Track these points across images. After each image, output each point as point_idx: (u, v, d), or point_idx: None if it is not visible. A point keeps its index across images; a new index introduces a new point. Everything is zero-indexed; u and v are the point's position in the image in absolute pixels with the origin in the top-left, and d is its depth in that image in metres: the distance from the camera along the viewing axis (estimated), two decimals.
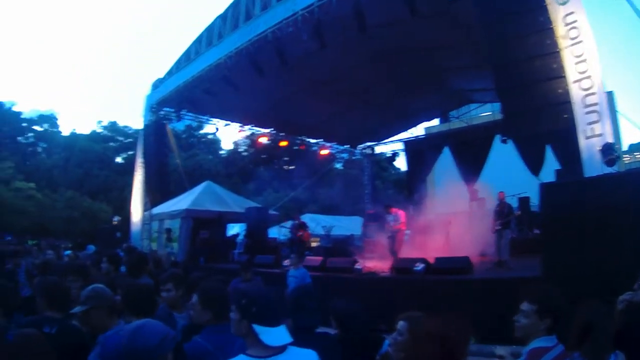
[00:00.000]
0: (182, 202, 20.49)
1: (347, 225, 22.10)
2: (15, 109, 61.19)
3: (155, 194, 20.75)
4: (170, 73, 19.00)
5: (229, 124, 21.03)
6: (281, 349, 2.82)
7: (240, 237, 19.14)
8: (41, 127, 60.74)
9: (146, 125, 20.84)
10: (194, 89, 17.13)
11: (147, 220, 21.02)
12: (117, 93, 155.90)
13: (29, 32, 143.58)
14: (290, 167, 44.94)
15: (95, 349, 3.52)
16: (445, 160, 20.45)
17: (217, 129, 20.90)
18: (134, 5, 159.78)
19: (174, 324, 4.81)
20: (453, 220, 15.07)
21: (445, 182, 18.13)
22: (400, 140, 23.38)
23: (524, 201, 16.25)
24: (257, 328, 2.77)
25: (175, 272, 5.76)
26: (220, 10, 15.91)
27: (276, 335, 2.79)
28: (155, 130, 20.33)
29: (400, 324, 3.90)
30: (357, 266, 11.98)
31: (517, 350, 3.82)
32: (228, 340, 3.37)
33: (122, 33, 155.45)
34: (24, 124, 60.56)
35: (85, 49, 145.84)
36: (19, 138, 59.39)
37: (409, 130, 23.19)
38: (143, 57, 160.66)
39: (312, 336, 3.62)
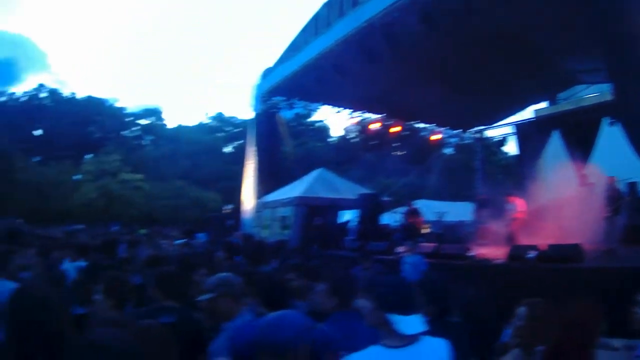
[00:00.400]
0: (294, 189, 20.93)
1: (458, 211, 22.13)
2: (118, 105, 66.06)
3: (268, 182, 21.71)
4: (279, 62, 19.94)
5: (339, 111, 21.54)
6: (415, 338, 2.95)
7: (353, 224, 19.64)
8: (147, 120, 65.19)
9: (257, 114, 21.95)
10: (303, 77, 17.84)
11: (259, 208, 21.91)
12: (221, 85, 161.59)
13: (130, 30, 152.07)
14: (401, 153, 45.55)
15: (218, 337, 3.89)
16: (555, 143, 20.25)
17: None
18: None
19: None
20: (562, 205, 15.01)
21: (555, 166, 17.92)
22: (510, 124, 23.35)
23: (632, 186, 15.88)
24: (393, 317, 2.91)
25: (298, 260, 6.22)
26: None
27: (411, 323, 2.90)
28: (266, 119, 21.38)
29: (521, 309, 4.25)
30: (470, 253, 12.16)
31: (632, 344, 3.93)
32: (352, 329, 3.55)
33: (221, 26, 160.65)
34: (129, 119, 65.13)
35: (185, 44, 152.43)
36: (124, 132, 63.83)
37: (519, 114, 23.10)
38: (245, 49, 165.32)
39: (441, 324, 3.67)
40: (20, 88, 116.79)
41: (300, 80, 18.14)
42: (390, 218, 20.72)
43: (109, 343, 2.12)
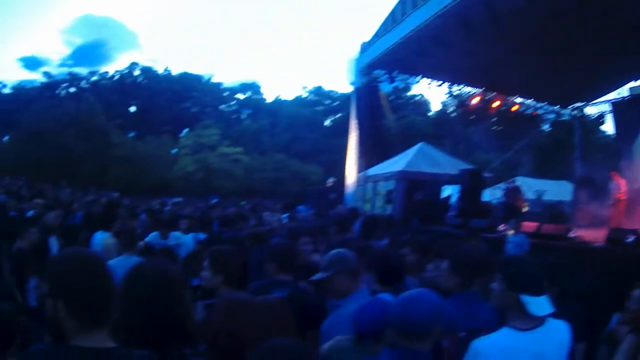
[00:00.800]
0: (396, 163, 21.21)
1: (555, 190, 22.14)
2: (214, 80, 69.04)
3: (370, 155, 21.73)
4: (377, 35, 20.10)
5: (439, 85, 21.71)
6: (542, 321, 3.08)
7: (454, 200, 19.75)
8: (244, 94, 67.86)
9: (357, 88, 22.15)
10: (403, 50, 18.01)
11: (361, 182, 22.10)
12: (318, 59, 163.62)
13: (222, 5, 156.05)
14: (499, 128, 45.24)
15: (332, 314, 4.08)
16: None
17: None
18: None
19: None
20: None
21: None
22: (606, 101, 23.00)
23: None
24: (525, 298, 3.01)
25: (413, 236, 6.35)
26: None
27: (541, 305, 3.02)
28: (366, 92, 21.57)
29: (636, 292, 4.35)
30: (571, 234, 12.20)
31: None
32: (472, 309, 3.73)
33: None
34: (226, 93, 68.12)
35: (280, 17, 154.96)
36: (222, 106, 66.68)
37: (617, 91, 22.50)
38: (341, 22, 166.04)
39: (561, 306, 3.65)
40: (113, 68, 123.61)
41: (399, 53, 18.34)
42: (491, 195, 20.89)
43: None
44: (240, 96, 69.69)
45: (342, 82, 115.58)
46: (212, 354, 2.86)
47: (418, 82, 22.48)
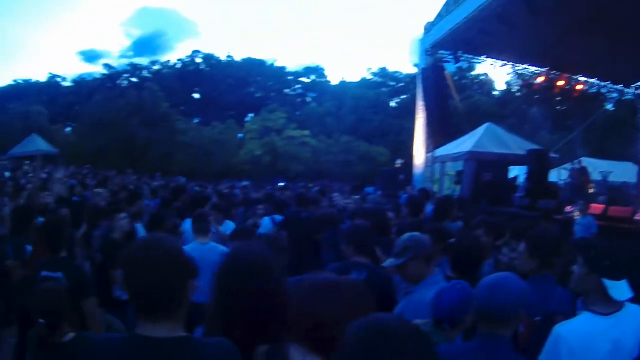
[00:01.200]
0: (464, 144, 21.19)
1: (620, 172, 22.36)
2: (277, 65, 70.91)
3: (437, 136, 22.12)
4: (440, 16, 20.53)
5: (503, 65, 22.12)
6: (621, 305, 3.09)
7: (521, 181, 20.00)
8: (308, 78, 69.51)
9: (423, 69, 22.60)
10: (467, 30, 18.34)
11: (429, 163, 22.58)
12: (381, 41, 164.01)
13: None
14: (562, 108, 45.18)
15: (405, 299, 4.23)
16: None
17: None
18: None
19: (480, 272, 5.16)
20: None
21: None
22: None
23: None
24: (607, 282, 3.03)
25: (487, 218, 6.35)
26: None
27: (622, 289, 3.05)
28: (431, 73, 21.87)
29: None
30: (638, 217, 12.37)
31: None
32: (547, 293, 3.79)
33: None
34: (290, 77, 69.88)
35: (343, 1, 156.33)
36: (286, 90, 68.44)
37: None
38: (403, 3, 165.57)
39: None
40: (173, 57, 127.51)
41: (464, 33, 18.69)
42: (557, 176, 21.23)
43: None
44: (305, 80, 71.34)
45: (406, 64, 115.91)
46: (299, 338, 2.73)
47: (482, 62, 22.85)
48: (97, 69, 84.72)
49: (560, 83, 22.96)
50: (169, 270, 2.22)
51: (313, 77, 71.71)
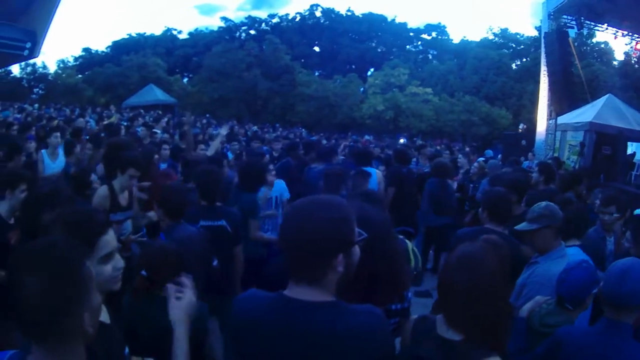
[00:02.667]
0: (585, 114, 21.12)
1: None
2: (398, 21, 71.41)
3: (560, 103, 22.41)
4: None
5: (626, 34, 22.29)
6: None
7: (638, 157, 19.84)
8: (429, 35, 69.62)
9: (546, 33, 22.79)
10: None
11: (550, 130, 22.93)
12: (501, 0, 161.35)
13: None
14: None
15: (528, 268, 4.49)
16: None
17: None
18: None
19: (604, 249, 5.54)
20: None
21: None
22: None
23: None
24: None
25: (615, 194, 6.29)
26: None
27: None
28: (555, 38, 22.02)
29: None
30: None
31: None
32: None
33: None
34: (411, 34, 70.11)
35: None
36: (408, 46, 68.96)
37: None
38: None
39: None
40: (292, 10, 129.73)
41: None
42: None
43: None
44: (425, 37, 71.61)
45: (526, 25, 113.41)
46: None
47: (604, 30, 23.04)
48: (213, 22, 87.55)
49: None
50: (320, 242, 2.23)
51: (434, 34, 71.89)
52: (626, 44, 23.95)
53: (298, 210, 2.37)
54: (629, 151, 21.05)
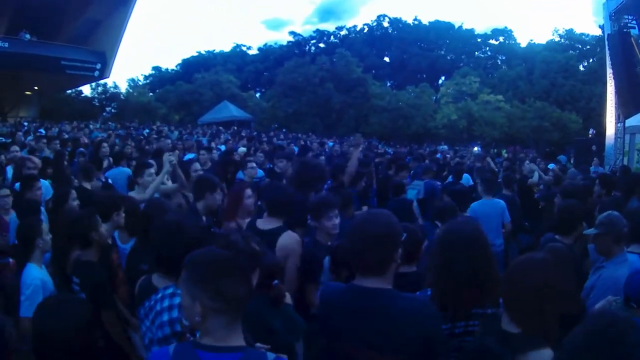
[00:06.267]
0: None
1: None
2: (465, 27, 71.89)
3: (626, 106, 22.70)
4: None
5: None
6: None
7: None
8: (496, 40, 69.47)
9: (609, 35, 23.43)
10: None
11: (619, 134, 23.21)
12: (564, 1, 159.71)
13: None
14: None
15: (595, 273, 4.87)
16: None
17: None
18: None
19: None
20: None
21: None
22: None
23: None
24: None
25: None
26: None
27: None
28: (618, 39, 22.75)
29: None
30: None
31: None
32: None
33: None
34: (479, 40, 70.15)
35: None
36: (477, 53, 68.79)
37: None
38: None
39: None
40: (356, 22, 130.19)
41: None
42: None
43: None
44: (493, 42, 71.54)
45: (590, 24, 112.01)
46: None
47: None
48: (281, 37, 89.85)
49: None
50: (380, 242, 2.94)
51: (501, 39, 71.91)
52: None
53: (362, 220, 3.12)
54: None
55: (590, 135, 28.31)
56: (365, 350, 2.89)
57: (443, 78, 64.91)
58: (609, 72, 23.89)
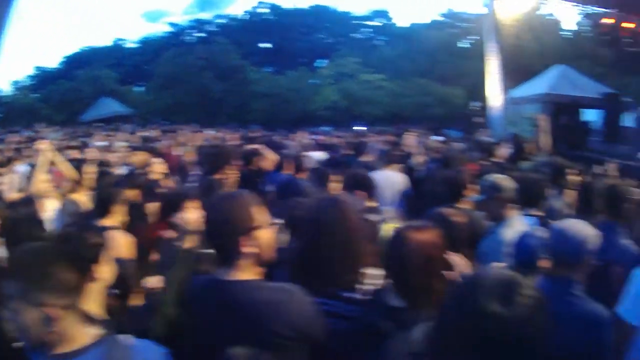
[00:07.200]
0: (539, 86, 21.64)
1: None
2: (342, 9, 72.02)
3: (510, 77, 22.26)
4: None
5: (575, 5, 22.41)
6: None
7: (595, 124, 20.28)
8: (376, 22, 69.80)
9: (491, 9, 22.69)
10: None
11: (505, 105, 22.46)
12: None
13: None
14: (636, 50, 43.99)
15: (486, 237, 4.58)
16: None
17: None
18: None
19: None
20: None
21: None
22: None
23: None
24: None
25: (550, 160, 6.71)
26: None
27: None
28: (501, 13, 22.02)
29: None
30: None
31: None
32: (611, 241, 4.00)
33: None
34: (357, 22, 70.28)
35: None
36: (355, 34, 68.82)
37: None
38: None
39: None
40: (236, 9, 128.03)
41: None
42: (630, 120, 20.60)
43: None
44: (372, 24, 71.63)
45: (475, 3, 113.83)
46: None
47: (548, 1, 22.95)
48: (162, 29, 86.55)
49: (629, 25, 22.35)
50: (225, 226, 2.74)
51: (381, 21, 72.00)
52: (579, 14, 23.50)
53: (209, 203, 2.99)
54: (586, 118, 21.45)
55: (474, 108, 28.27)
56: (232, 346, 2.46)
57: (325, 61, 63.05)
58: (492, 45, 23.01)
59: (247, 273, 2.74)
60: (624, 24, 22.29)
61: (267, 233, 2.78)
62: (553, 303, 2.63)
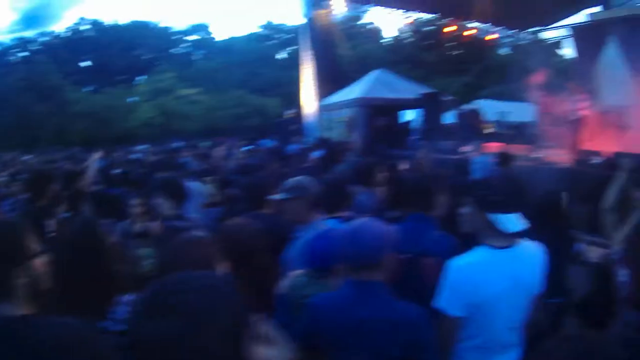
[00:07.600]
0: (355, 90, 21.35)
1: (519, 112, 22.33)
2: (163, 25, 69.58)
3: (326, 85, 22.17)
4: None
5: (391, 12, 22.25)
6: (516, 241, 3.12)
7: (416, 123, 20.31)
8: (194, 36, 68.32)
9: (310, 19, 22.42)
10: None
11: (319, 112, 22.67)
12: None
13: None
14: (457, 53, 46.52)
15: (292, 244, 4.02)
16: (612, 50, 18.85)
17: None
18: None
19: None
20: (622, 114, 14.81)
21: (612, 73, 17.16)
22: (565, 26, 23.36)
23: None
24: (496, 217, 3.02)
25: (358, 161, 6.80)
26: None
27: (513, 222, 3.01)
28: (318, 22, 21.99)
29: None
30: (536, 154, 12.64)
31: None
32: (421, 232, 3.81)
33: None
34: (176, 37, 68.31)
35: None
36: (173, 50, 67.01)
37: (575, 16, 23.13)
38: None
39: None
40: (62, 26, 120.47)
41: None
42: (451, 117, 20.96)
43: None
44: (191, 38, 69.76)
45: (295, 15, 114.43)
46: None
47: (369, 10, 23.97)
48: None
49: (450, 29, 23.35)
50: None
51: (199, 35, 70.03)
52: (405, 19, 24.59)
53: None
54: (406, 118, 21.46)
55: (289, 116, 28.27)
56: None
57: (144, 78, 60.14)
58: (307, 54, 22.96)
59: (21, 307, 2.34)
60: (446, 29, 23.50)
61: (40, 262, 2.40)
62: (359, 310, 2.77)
